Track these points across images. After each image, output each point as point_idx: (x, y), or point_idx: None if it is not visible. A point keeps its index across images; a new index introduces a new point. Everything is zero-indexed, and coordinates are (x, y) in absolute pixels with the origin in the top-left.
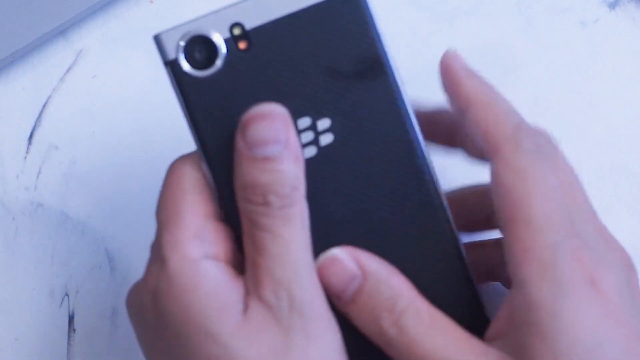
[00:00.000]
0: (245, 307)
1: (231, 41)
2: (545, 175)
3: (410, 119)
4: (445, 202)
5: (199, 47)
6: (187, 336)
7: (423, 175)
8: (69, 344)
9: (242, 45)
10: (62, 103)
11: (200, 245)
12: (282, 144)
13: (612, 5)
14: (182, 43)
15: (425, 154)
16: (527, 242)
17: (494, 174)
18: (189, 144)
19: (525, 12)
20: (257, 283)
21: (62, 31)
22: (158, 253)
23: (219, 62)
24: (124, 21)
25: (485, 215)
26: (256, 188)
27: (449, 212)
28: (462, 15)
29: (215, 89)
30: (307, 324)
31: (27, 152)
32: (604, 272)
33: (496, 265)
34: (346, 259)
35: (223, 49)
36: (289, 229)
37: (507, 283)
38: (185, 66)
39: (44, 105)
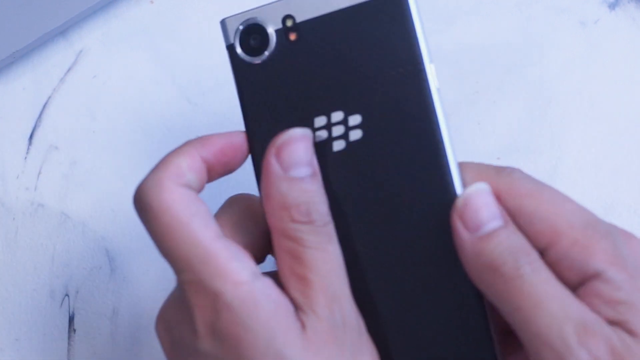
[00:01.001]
0: (302, 325)
1: (282, 32)
2: None
3: (439, 127)
4: None
5: (254, 34)
6: None
7: (446, 184)
8: (69, 344)
9: (292, 36)
10: (62, 103)
11: (243, 266)
12: (312, 165)
13: (612, 5)
14: (239, 30)
15: (453, 164)
16: (583, 241)
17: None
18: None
19: (525, 12)
20: (310, 299)
21: (62, 31)
22: (201, 289)
23: (269, 50)
24: (124, 21)
25: None
26: (300, 207)
27: None
28: (462, 15)
29: (264, 74)
30: (357, 337)
31: (27, 153)
32: None
33: None
34: (493, 199)
35: (274, 38)
36: (333, 245)
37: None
38: (240, 51)
39: (44, 106)
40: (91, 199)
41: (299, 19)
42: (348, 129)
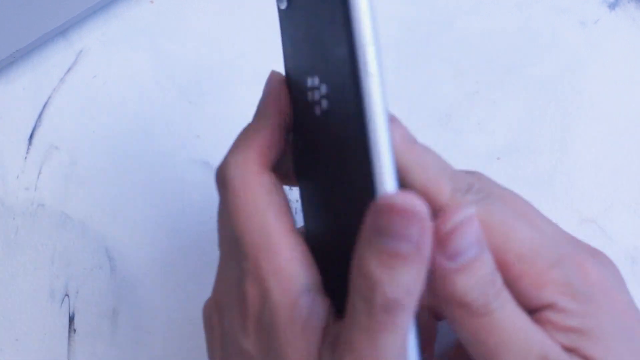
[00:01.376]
0: None
1: None
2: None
3: (363, 114)
4: None
5: None
6: None
7: (367, 178)
8: (69, 344)
9: None
10: (62, 103)
11: (299, 273)
12: (413, 244)
13: (612, 5)
14: None
15: (377, 154)
16: (531, 274)
17: None
18: (188, 145)
19: (525, 12)
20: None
21: (62, 31)
22: (257, 280)
23: None
24: (124, 21)
25: None
26: (368, 280)
27: None
28: (462, 15)
29: (288, 20)
30: None
31: (27, 152)
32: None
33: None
34: (477, 225)
35: None
36: (387, 337)
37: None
38: None
39: (44, 106)
40: (91, 199)
41: None
42: (320, 96)
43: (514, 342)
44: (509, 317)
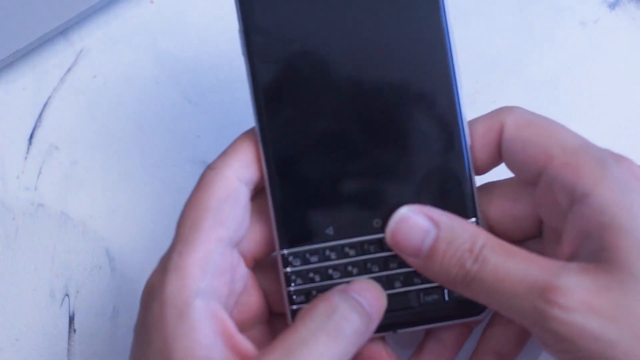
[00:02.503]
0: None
1: None
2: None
3: None
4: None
5: None
6: None
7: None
8: (69, 344)
9: None
10: (63, 103)
11: (201, 275)
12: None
13: (612, 5)
14: None
15: None
16: (574, 163)
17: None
18: (188, 145)
19: (525, 12)
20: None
21: (62, 31)
22: (165, 263)
23: None
24: (124, 21)
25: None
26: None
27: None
28: (462, 15)
29: None
30: None
31: (27, 152)
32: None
33: None
34: (416, 215)
35: None
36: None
37: None
38: None
39: (44, 105)
40: (91, 199)
41: None
42: None
43: (510, 291)
44: (493, 272)
